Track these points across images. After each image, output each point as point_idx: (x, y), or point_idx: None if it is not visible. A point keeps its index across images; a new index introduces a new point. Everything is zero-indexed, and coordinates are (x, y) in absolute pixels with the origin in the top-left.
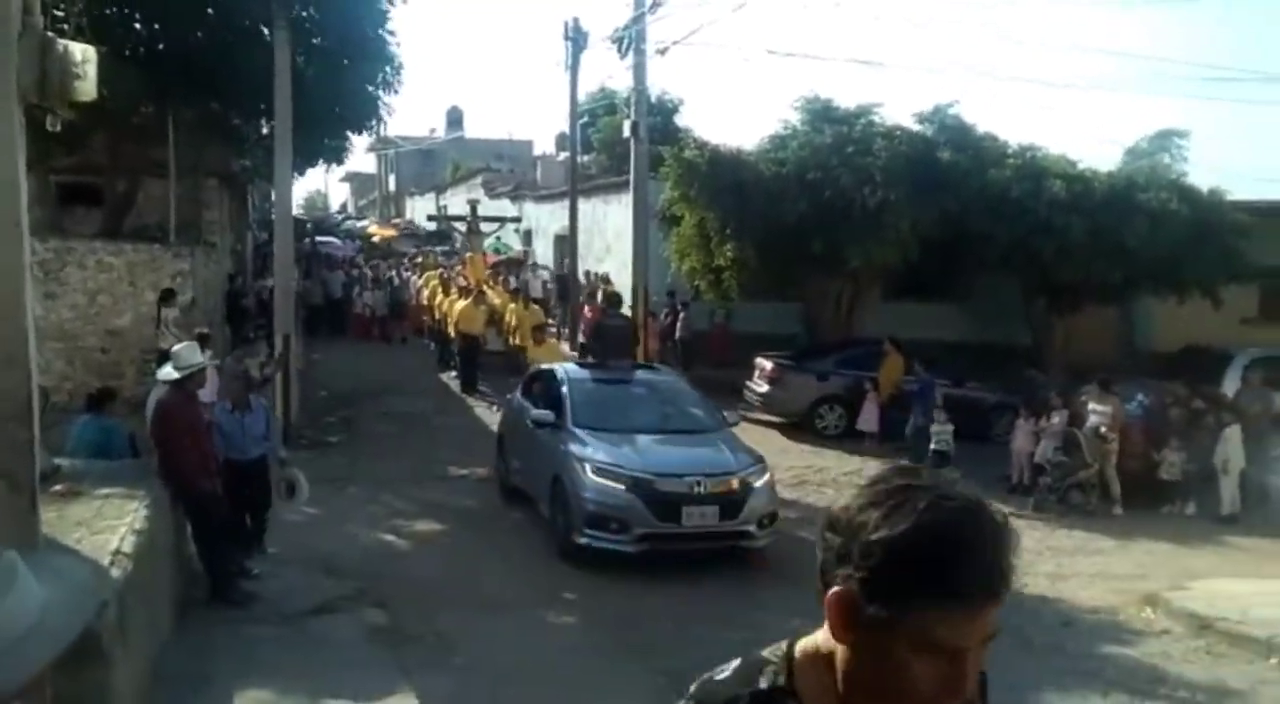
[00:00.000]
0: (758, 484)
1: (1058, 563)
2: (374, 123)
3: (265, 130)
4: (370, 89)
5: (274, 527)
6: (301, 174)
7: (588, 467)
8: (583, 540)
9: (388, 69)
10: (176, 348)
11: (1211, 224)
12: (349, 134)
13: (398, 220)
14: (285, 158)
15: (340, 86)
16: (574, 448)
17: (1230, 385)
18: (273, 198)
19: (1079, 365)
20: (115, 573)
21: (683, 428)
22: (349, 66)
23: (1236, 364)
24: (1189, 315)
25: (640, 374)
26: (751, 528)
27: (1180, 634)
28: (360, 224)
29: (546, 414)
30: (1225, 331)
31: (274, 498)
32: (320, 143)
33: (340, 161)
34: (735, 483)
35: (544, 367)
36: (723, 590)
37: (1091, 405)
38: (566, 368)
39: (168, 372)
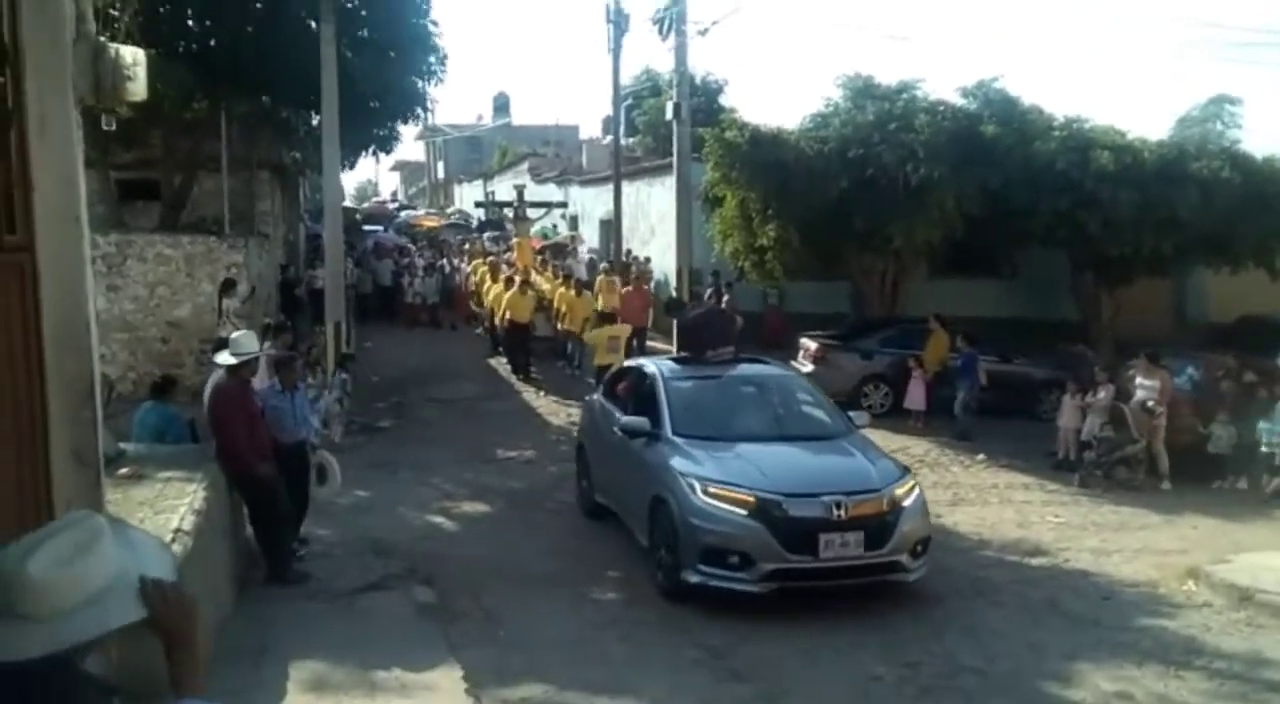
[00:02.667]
0: (908, 503)
1: (1101, 538)
2: (420, 112)
3: (314, 122)
4: (415, 79)
5: (328, 510)
6: (352, 166)
7: (698, 486)
8: (695, 578)
9: (432, 59)
10: (235, 335)
11: (1266, 192)
12: (396, 124)
13: (450, 210)
14: (333, 149)
15: (386, 78)
16: (678, 462)
17: None
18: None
19: (1130, 339)
20: (176, 549)
21: (804, 433)
22: (395, 58)
23: None
24: (1244, 286)
25: (745, 368)
26: (903, 558)
27: (1221, 606)
28: (412, 214)
29: (640, 421)
30: None
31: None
32: (368, 133)
33: (388, 151)
34: (883, 502)
35: (630, 363)
36: None
37: (1139, 379)
38: (659, 364)
39: (225, 357)
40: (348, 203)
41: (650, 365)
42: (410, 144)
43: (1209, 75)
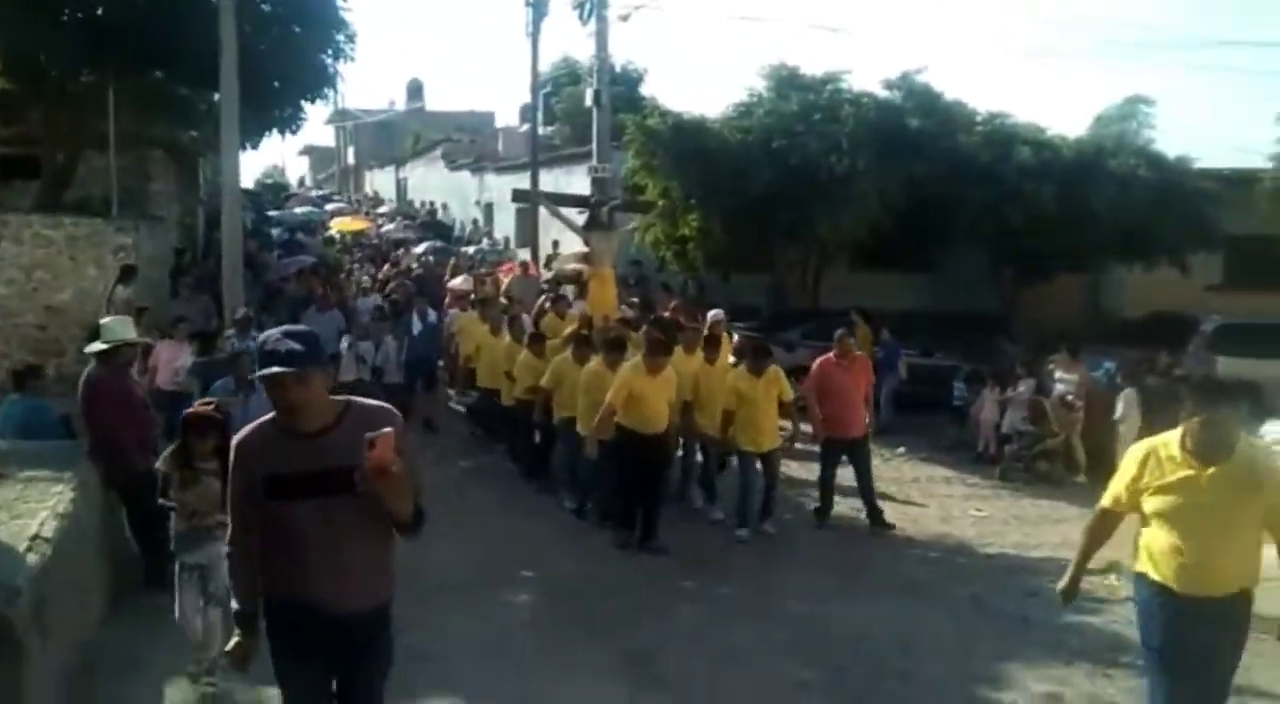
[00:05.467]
0: None
1: (1024, 533)
2: (327, 92)
3: (215, 99)
4: (322, 57)
5: None
6: (255, 146)
7: None
8: None
9: (341, 37)
10: (105, 321)
11: (1179, 191)
12: (302, 104)
13: (381, 208)
14: (232, 130)
15: (291, 55)
16: None
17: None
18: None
19: (1047, 334)
20: (32, 559)
21: None
22: (300, 34)
23: (1203, 331)
24: (1156, 283)
25: None
26: None
27: None
28: (330, 206)
29: None
30: (1191, 299)
31: None
32: (271, 113)
33: (294, 131)
34: None
35: None
36: (689, 564)
37: (1058, 374)
38: None
39: (95, 345)
40: (252, 186)
41: None
42: (320, 128)
43: (1121, 76)
